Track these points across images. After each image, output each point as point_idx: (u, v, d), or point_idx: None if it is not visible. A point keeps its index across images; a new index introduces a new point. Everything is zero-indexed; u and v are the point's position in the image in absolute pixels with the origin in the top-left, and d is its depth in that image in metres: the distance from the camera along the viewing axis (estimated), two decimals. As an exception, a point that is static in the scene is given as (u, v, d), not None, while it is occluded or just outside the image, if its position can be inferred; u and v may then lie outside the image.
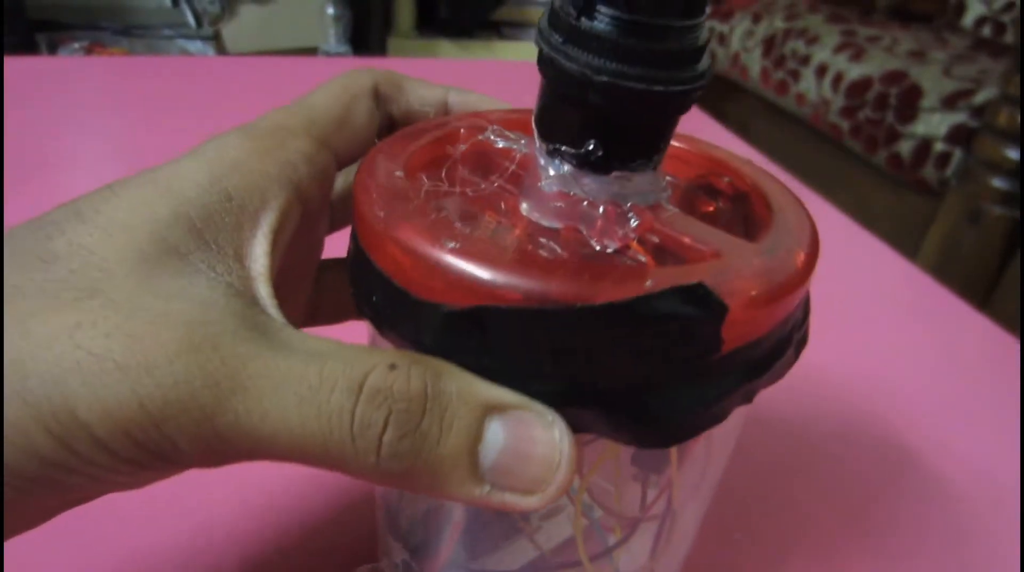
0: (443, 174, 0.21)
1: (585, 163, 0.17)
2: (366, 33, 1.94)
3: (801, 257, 0.17)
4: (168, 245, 0.14)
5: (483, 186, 0.21)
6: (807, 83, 1.19)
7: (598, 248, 0.18)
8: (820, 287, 0.51)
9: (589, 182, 0.18)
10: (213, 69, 0.77)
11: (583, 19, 0.16)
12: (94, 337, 0.12)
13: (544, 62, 0.17)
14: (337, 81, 0.22)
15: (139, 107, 0.63)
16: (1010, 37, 1.30)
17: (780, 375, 0.17)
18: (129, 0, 2.12)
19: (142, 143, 0.56)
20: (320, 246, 0.22)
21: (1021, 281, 0.86)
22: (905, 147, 1.03)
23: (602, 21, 0.16)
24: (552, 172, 0.18)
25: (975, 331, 0.46)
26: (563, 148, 0.18)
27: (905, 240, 1.07)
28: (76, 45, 1.88)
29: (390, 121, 0.23)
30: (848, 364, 0.41)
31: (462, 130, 0.22)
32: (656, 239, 0.17)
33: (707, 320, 0.14)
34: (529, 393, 0.14)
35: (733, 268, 0.15)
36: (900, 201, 1.07)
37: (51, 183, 0.48)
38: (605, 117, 0.17)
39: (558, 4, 0.16)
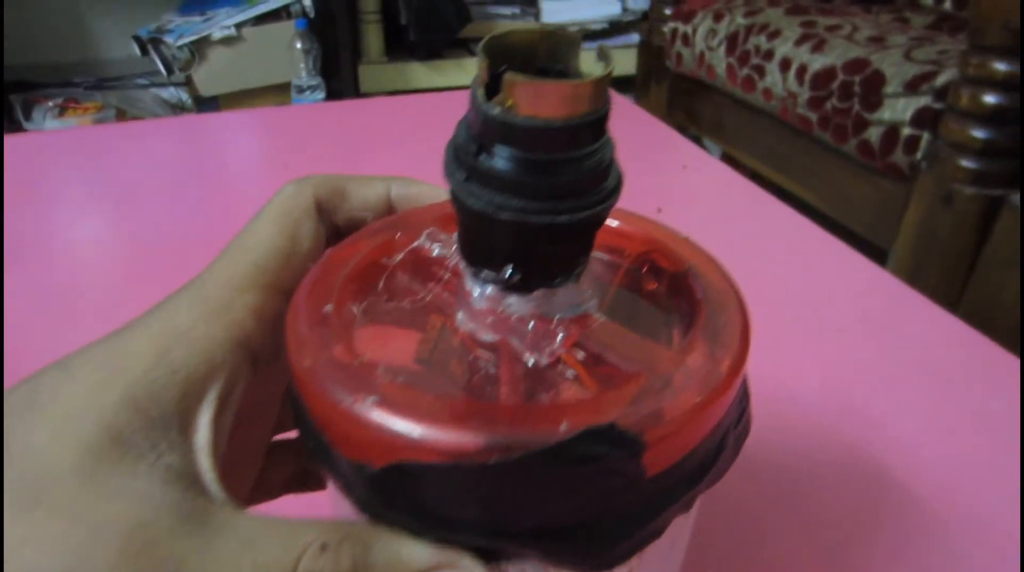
0: (381, 286, 0.22)
1: (507, 286, 0.18)
2: (336, 63, 1.95)
3: (727, 364, 0.17)
4: (114, 433, 0.15)
5: (420, 296, 0.22)
6: (772, 78, 1.20)
7: (531, 362, 0.19)
8: (788, 302, 0.51)
9: (514, 301, 0.19)
10: (190, 127, 0.78)
11: (482, 157, 0.17)
12: (40, 553, 0.13)
13: (452, 197, 0.17)
14: (276, 205, 0.22)
15: (125, 174, 0.64)
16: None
17: (719, 476, 0.18)
18: (99, 54, 2.13)
19: (132, 211, 0.57)
20: (280, 388, 0.23)
21: (1021, 295, 0.86)
22: (873, 134, 1.04)
23: (500, 158, 0.16)
24: (478, 292, 0.19)
25: (956, 341, 0.46)
26: (484, 272, 0.18)
27: (884, 227, 1.07)
28: (51, 103, 1.89)
29: (335, 230, 0.24)
30: (821, 385, 0.41)
31: (398, 235, 0.23)
32: (582, 355, 0.18)
33: (625, 457, 0.15)
34: (462, 543, 0.15)
35: (654, 392, 0.16)
36: (875, 188, 1.08)
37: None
38: (517, 248, 0.17)
39: (457, 144, 0.17)
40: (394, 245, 0.22)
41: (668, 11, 1.49)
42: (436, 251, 0.22)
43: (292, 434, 0.23)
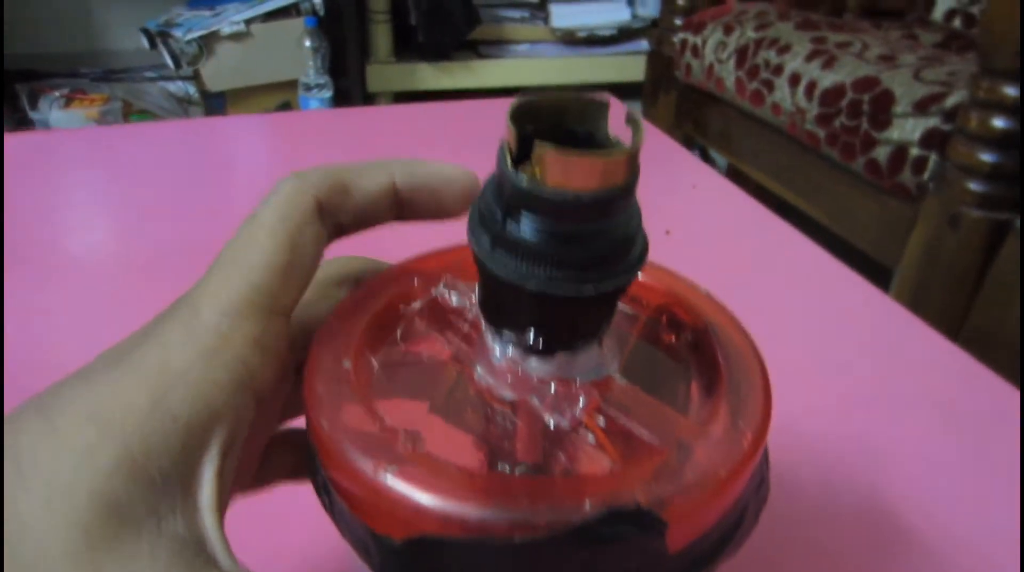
0: (399, 334, 0.22)
1: (528, 349, 0.18)
2: (345, 62, 1.95)
3: (749, 437, 0.17)
4: (109, 503, 0.14)
5: (438, 346, 0.22)
6: (782, 93, 1.20)
7: (552, 424, 0.19)
8: (792, 330, 0.51)
9: (535, 362, 0.19)
10: (196, 131, 0.78)
11: (509, 224, 0.16)
12: None
13: (476, 260, 0.17)
14: (273, 210, 0.19)
15: (128, 177, 0.64)
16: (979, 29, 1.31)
17: (739, 546, 0.18)
18: (107, 45, 2.13)
19: (138, 211, 0.57)
20: (278, 413, 0.22)
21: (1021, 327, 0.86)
22: (881, 153, 1.04)
23: (527, 227, 0.16)
24: (498, 351, 0.19)
25: (958, 372, 0.46)
26: (506, 333, 0.18)
27: (889, 245, 1.07)
28: (56, 94, 1.88)
29: (339, 229, 0.21)
30: (821, 416, 0.41)
31: (415, 282, 0.23)
32: (604, 423, 0.18)
33: (648, 537, 0.15)
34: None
35: (676, 467, 0.16)
36: (882, 207, 1.08)
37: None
38: (540, 314, 0.17)
39: (483, 206, 0.17)
40: (412, 292, 0.22)
41: (678, 21, 1.49)
42: (454, 301, 0.22)
43: (297, 421, 0.23)
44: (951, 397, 0.44)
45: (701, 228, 0.63)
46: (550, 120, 0.18)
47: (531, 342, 0.18)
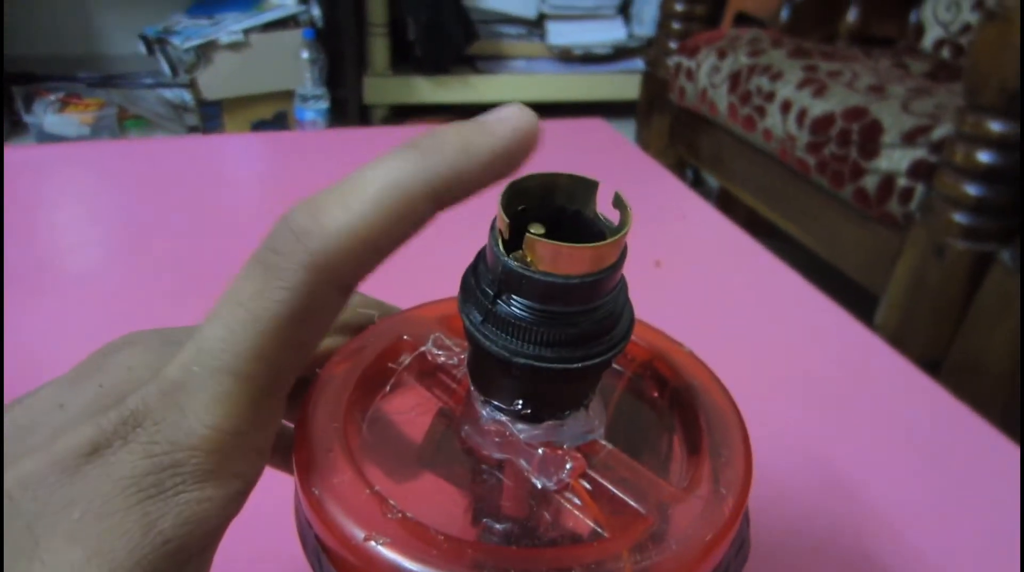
0: (388, 390, 0.23)
1: (516, 416, 0.19)
2: (342, 74, 1.96)
3: (731, 503, 0.18)
4: None
5: (427, 403, 0.23)
6: (773, 119, 1.22)
7: (539, 486, 0.20)
8: (776, 366, 0.52)
9: (523, 428, 0.20)
10: (192, 150, 0.79)
11: (499, 302, 0.17)
12: None
13: (466, 334, 0.18)
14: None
15: (121, 194, 0.65)
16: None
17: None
18: (104, 49, 2.14)
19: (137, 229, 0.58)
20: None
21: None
22: (870, 182, 1.06)
23: (517, 306, 0.17)
24: (487, 417, 0.20)
25: (941, 413, 0.47)
26: (495, 402, 0.19)
27: (876, 272, 1.09)
28: (52, 97, 1.88)
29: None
30: (803, 456, 0.42)
31: (404, 337, 0.24)
32: (589, 486, 0.19)
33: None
34: None
35: (659, 536, 0.17)
36: (870, 235, 1.09)
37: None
38: (529, 387, 0.18)
39: (471, 284, 0.18)
40: (400, 346, 0.23)
41: (673, 45, 1.51)
42: (442, 359, 0.23)
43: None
44: (930, 434, 0.45)
45: (691, 260, 0.64)
46: (540, 197, 0.19)
47: (519, 411, 0.19)
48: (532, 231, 0.17)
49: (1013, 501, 0.39)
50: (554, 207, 0.19)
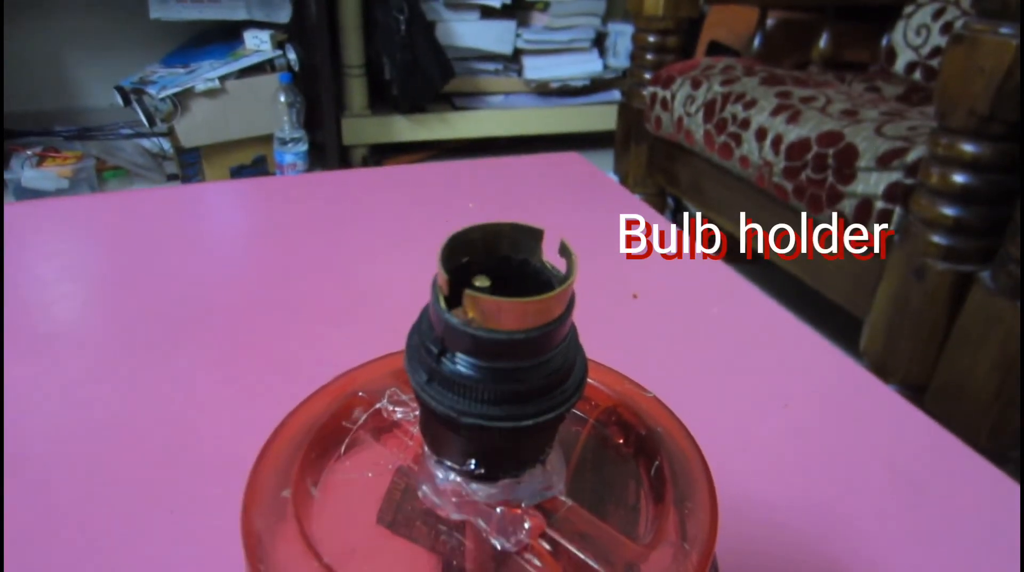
0: (342, 450, 0.22)
1: (470, 476, 0.18)
2: (320, 116, 1.97)
3: (695, 558, 0.18)
4: None
5: (383, 462, 0.22)
6: (749, 146, 1.22)
7: (499, 547, 0.19)
8: (757, 398, 0.51)
9: (479, 488, 0.19)
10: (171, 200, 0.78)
11: (444, 361, 0.17)
12: None
13: (415, 393, 0.17)
14: None
15: (104, 247, 0.64)
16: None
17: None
18: (81, 102, 2.14)
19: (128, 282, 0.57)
20: None
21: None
22: (847, 206, 1.06)
23: (462, 364, 0.16)
24: (441, 477, 0.19)
25: (925, 442, 0.47)
26: (448, 462, 0.18)
27: (858, 297, 1.09)
28: (29, 152, 1.88)
29: None
30: (786, 488, 0.41)
31: (360, 393, 0.23)
32: (549, 547, 0.18)
33: None
34: None
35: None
36: (850, 259, 1.09)
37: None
38: (480, 445, 0.17)
39: (416, 342, 0.17)
40: (354, 403, 0.22)
41: (647, 75, 1.52)
42: (399, 415, 0.22)
43: None
44: (916, 465, 0.44)
45: (667, 291, 0.64)
46: (486, 248, 0.18)
47: (473, 471, 0.18)
48: (477, 284, 0.17)
49: (1011, 532, 0.39)
50: (499, 257, 0.18)
